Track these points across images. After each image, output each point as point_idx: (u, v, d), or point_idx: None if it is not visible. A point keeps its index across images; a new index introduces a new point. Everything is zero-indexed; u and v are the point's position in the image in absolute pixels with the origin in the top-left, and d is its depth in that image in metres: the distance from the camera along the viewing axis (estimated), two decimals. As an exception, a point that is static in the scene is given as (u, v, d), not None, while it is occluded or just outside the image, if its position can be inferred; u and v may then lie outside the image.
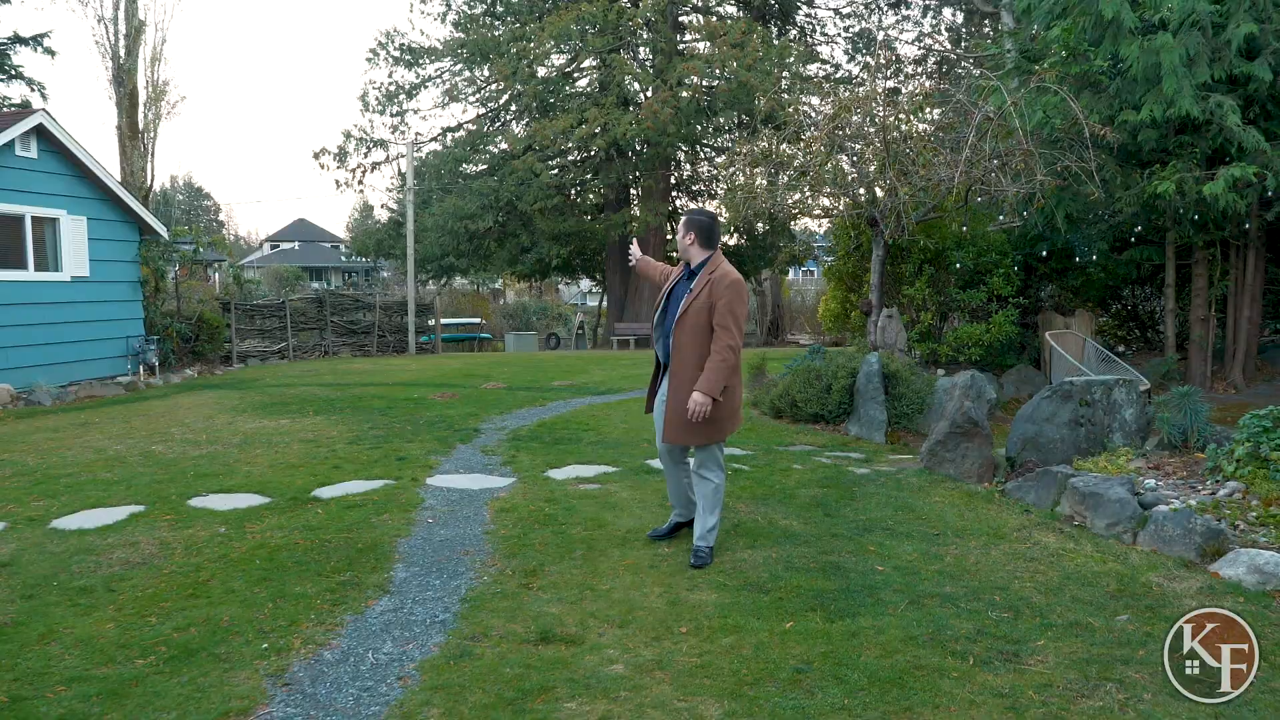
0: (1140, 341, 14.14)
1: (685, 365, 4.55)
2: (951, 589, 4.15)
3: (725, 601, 4.05)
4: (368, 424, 9.06)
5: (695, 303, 4.53)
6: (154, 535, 5.15)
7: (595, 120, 23.83)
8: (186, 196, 76.62)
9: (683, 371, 4.56)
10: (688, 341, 4.54)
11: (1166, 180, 9.20)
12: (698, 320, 4.52)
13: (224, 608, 4.01)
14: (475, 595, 4.16)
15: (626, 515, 5.44)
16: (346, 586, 4.27)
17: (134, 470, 6.94)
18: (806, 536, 4.98)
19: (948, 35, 27.95)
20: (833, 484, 6.22)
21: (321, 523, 5.34)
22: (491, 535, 5.10)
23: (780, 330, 34.72)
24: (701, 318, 4.52)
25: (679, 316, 4.57)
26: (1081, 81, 9.63)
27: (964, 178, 8.49)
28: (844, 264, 10.95)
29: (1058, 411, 6.14)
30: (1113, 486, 4.96)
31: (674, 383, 4.59)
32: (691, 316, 4.53)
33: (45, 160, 12.87)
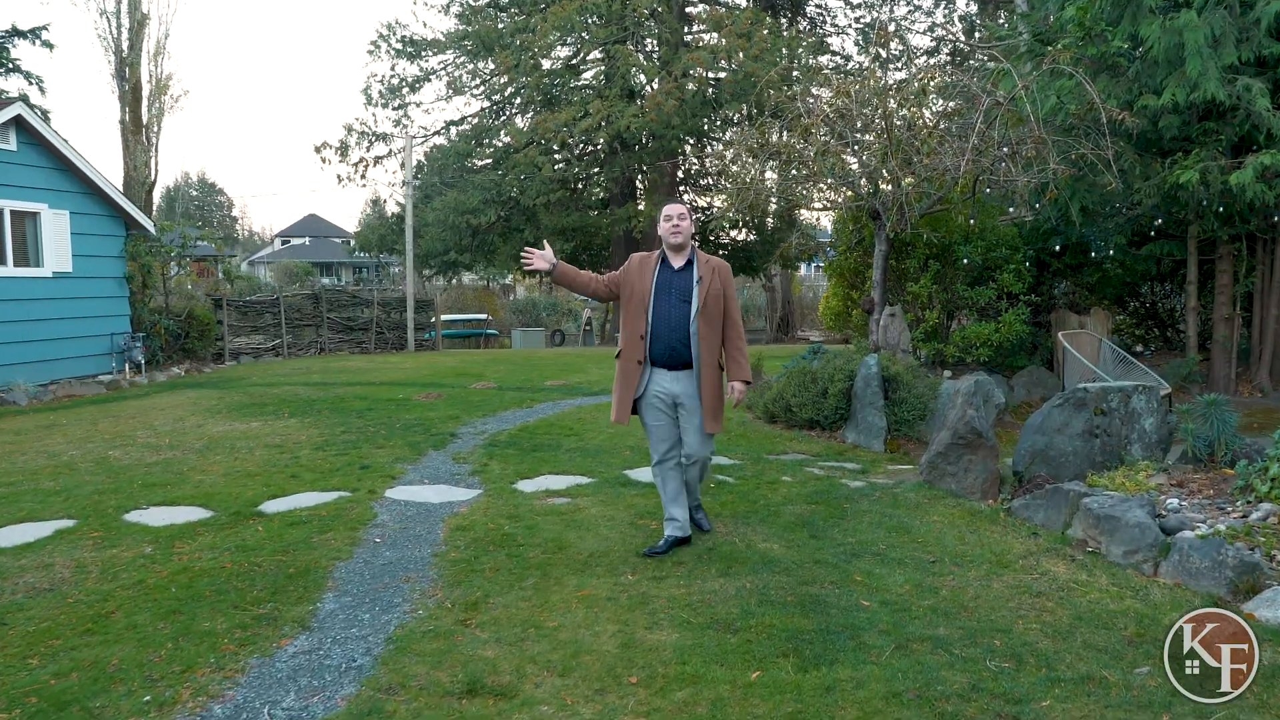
0: (1160, 341, 13.52)
1: (710, 355, 4.59)
2: (945, 630, 3.63)
3: (686, 643, 3.55)
4: (341, 427, 8.61)
5: (710, 292, 4.55)
6: (73, 556, 4.71)
7: (598, 113, 23.32)
8: (200, 192, 76.68)
9: (709, 362, 4.59)
10: (708, 333, 4.56)
11: (1189, 169, 8.60)
12: (715, 308, 4.56)
13: (118, 647, 3.55)
14: (404, 634, 3.67)
15: (591, 536, 4.95)
16: (262, 622, 3.80)
17: (80, 479, 6.52)
18: (787, 563, 4.47)
19: (961, 26, 27.27)
20: (823, 499, 5.70)
21: (258, 543, 4.88)
22: (440, 559, 4.62)
23: (790, 326, 34.14)
24: (717, 306, 4.57)
25: (702, 308, 4.53)
26: (1098, 64, 9.03)
27: (971, 167, 7.92)
28: (845, 259, 10.39)
29: (1070, 421, 5.59)
30: (1131, 509, 4.42)
31: (707, 375, 4.57)
32: (710, 305, 4.55)
33: (25, 153, 12.50)
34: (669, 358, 4.57)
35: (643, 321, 4.59)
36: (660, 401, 4.63)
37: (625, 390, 4.67)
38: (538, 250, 4.63)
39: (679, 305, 4.55)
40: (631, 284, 4.66)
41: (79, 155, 13.24)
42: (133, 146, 27.74)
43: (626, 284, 4.68)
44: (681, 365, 4.59)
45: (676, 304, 4.54)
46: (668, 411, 4.65)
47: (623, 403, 4.69)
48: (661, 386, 4.62)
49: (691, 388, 4.59)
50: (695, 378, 4.58)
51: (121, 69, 27.54)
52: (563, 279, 4.68)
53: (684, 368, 4.59)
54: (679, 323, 4.53)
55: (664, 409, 4.64)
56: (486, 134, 27.22)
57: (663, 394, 4.62)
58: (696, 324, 4.52)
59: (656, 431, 4.69)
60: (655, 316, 4.56)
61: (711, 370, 4.59)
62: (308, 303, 20.13)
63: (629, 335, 4.67)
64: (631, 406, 4.71)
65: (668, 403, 4.63)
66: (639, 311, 4.61)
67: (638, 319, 4.61)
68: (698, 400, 4.58)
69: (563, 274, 4.66)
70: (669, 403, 4.63)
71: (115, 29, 27.60)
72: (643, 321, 4.59)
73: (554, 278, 4.65)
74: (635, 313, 4.62)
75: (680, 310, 4.54)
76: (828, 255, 11.32)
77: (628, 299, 4.66)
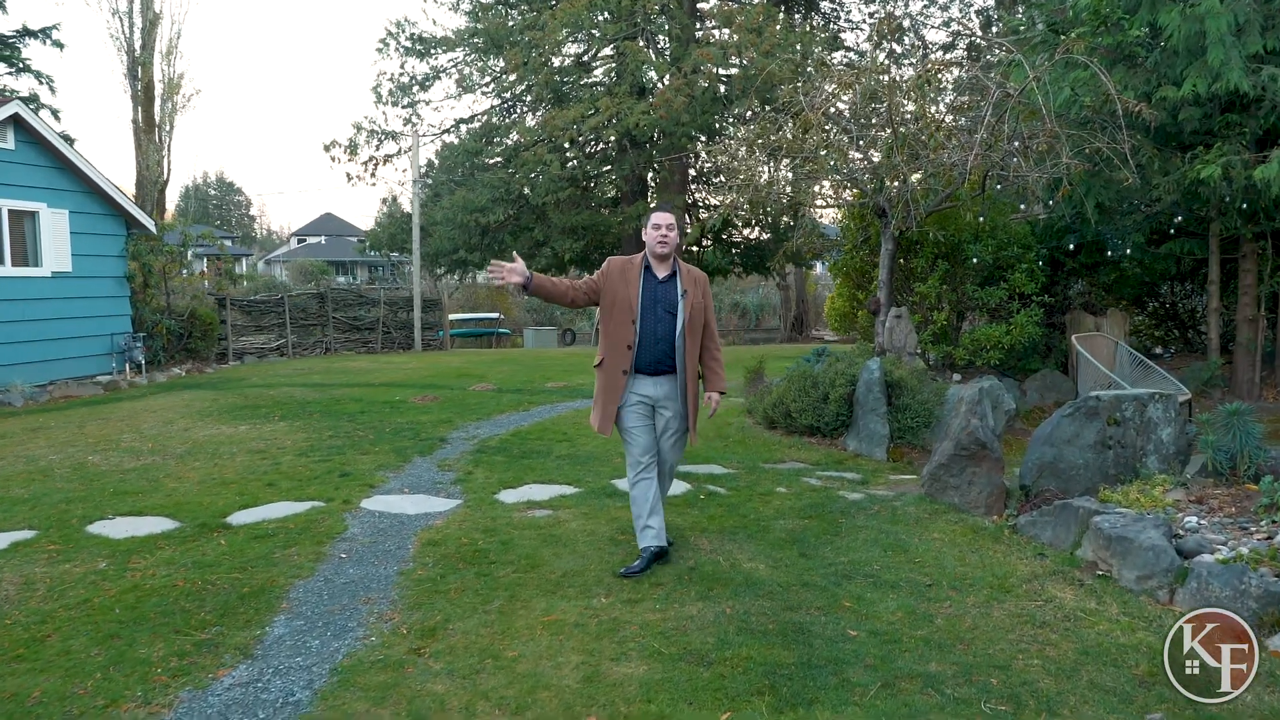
0: (1180, 343, 13.07)
1: (692, 365, 4.56)
2: (938, 666, 3.32)
3: (654, 678, 3.27)
4: (329, 432, 8.38)
5: (695, 304, 4.51)
6: (24, 571, 4.48)
7: (607, 110, 23.03)
8: (219, 191, 77.06)
9: (692, 373, 4.56)
10: (691, 346, 4.52)
11: (1211, 164, 8.20)
12: (697, 321, 4.53)
13: (44, 677, 3.30)
14: (351, 664, 3.41)
15: (568, 553, 4.67)
16: (203, 649, 3.54)
17: (52, 486, 6.31)
18: (772, 585, 4.17)
19: (978, 20, 26.78)
20: (817, 513, 5.39)
21: (217, 558, 4.64)
22: (405, 577, 4.35)
23: (804, 326, 33.76)
24: (699, 319, 4.55)
25: (688, 323, 4.47)
26: (1114, 54, 8.64)
27: (980, 162, 7.56)
28: (851, 259, 10.03)
29: (1081, 432, 5.25)
30: (1145, 530, 4.09)
31: (692, 387, 4.54)
32: (694, 319, 4.51)
33: (23, 151, 12.36)
34: (653, 366, 4.49)
35: (630, 332, 4.44)
36: (642, 406, 4.53)
37: (610, 400, 4.51)
38: (506, 263, 4.34)
39: (665, 319, 4.47)
40: (614, 291, 4.48)
41: (78, 154, 13.10)
42: (145, 146, 27.72)
43: (608, 290, 4.50)
44: (664, 371, 4.51)
45: (663, 317, 4.47)
46: (648, 416, 4.55)
47: (607, 413, 4.53)
48: (643, 392, 4.51)
49: (671, 391, 4.53)
50: (676, 383, 4.53)
51: (134, 68, 27.53)
52: (539, 291, 4.43)
53: (664, 373, 4.51)
54: (665, 336, 4.46)
55: (645, 413, 4.54)
56: (496, 132, 26.99)
57: (644, 398, 4.52)
58: (683, 339, 4.47)
59: (638, 435, 4.52)
60: (643, 329, 4.44)
61: (693, 381, 4.57)
62: (313, 302, 19.96)
63: (613, 344, 4.49)
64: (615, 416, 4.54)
65: (648, 407, 4.54)
66: (625, 321, 4.45)
67: (624, 329, 4.45)
68: (677, 404, 4.53)
69: (539, 286, 4.40)
70: (649, 407, 4.54)
71: (128, 29, 27.58)
72: (630, 332, 4.44)
73: (530, 291, 4.38)
74: (620, 322, 4.46)
75: (667, 324, 4.47)
76: (833, 255, 10.97)
77: (610, 306, 4.48)
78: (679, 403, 4.52)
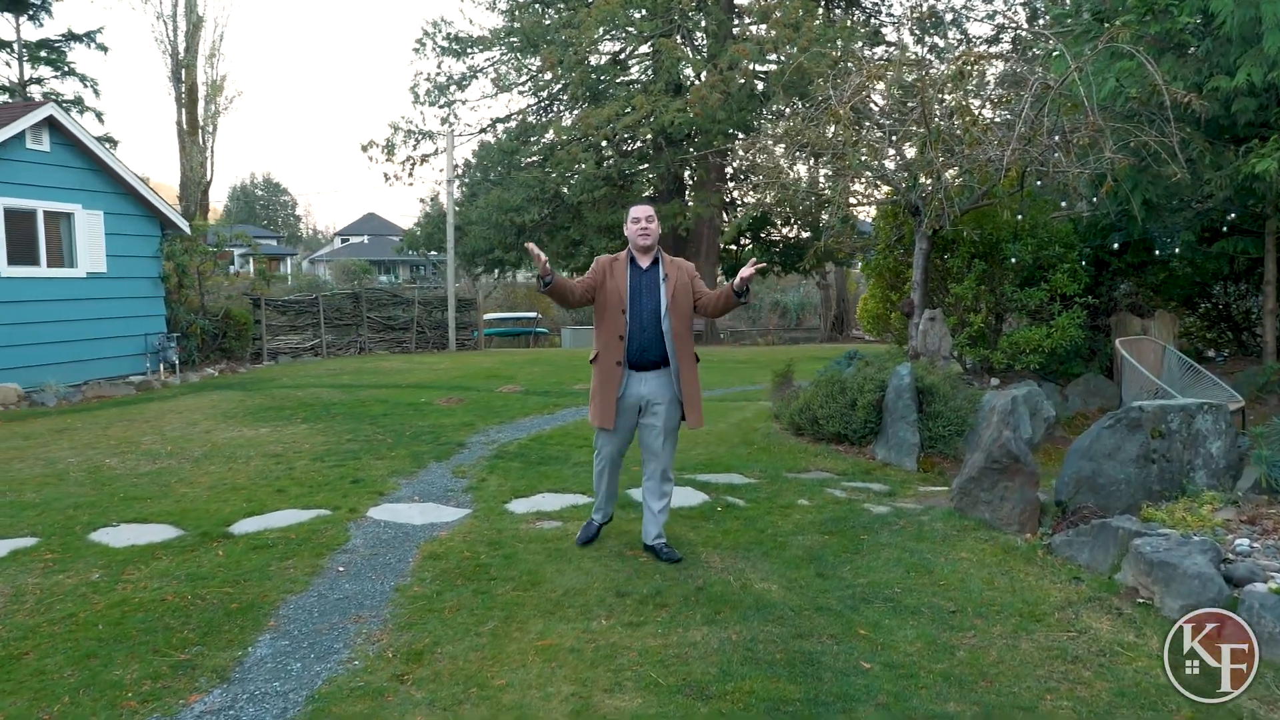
0: (1234, 345, 12.48)
1: (685, 349, 4.60)
2: (956, 706, 3.05)
3: (648, 713, 3.04)
4: (349, 435, 8.27)
5: (679, 286, 4.55)
6: (16, 582, 4.39)
7: (641, 108, 22.81)
8: (265, 192, 78.27)
9: (685, 356, 4.60)
10: (681, 329, 4.56)
11: (1268, 157, 7.72)
12: (685, 302, 4.55)
13: (12, 700, 3.17)
14: (330, 690, 3.23)
15: (572, 569, 4.46)
16: (180, 670, 3.39)
17: (65, 490, 6.27)
18: (784, 609, 3.92)
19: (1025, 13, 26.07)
20: (839, 529, 5.12)
21: (212, 569, 4.50)
22: (400, 594, 4.18)
23: (845, 326, 33.19)
24: (687, 300, 4.56)
25: (671, 304, 4.51)
26: (1162, 42, 8.20)
27: (1017, 157, 7.19)
28: (884, 259, 9.67)
29: (1123, 445, 4.91)
30: (1191, 554, 3.77)
31: (685, 370, 4.59)
32: (680, 300, 4.53)
33: (58, 153, 12.48)
34: (640, 358, 4.56)
35: (621, 322, 4.55)
36: (631, 404, 4.63)
37: (608, 393, 4.58)
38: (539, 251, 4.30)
39: (650, 304, 4.56)
40: (605, 285, 4.60)
41: (113, 155, 13.21)
42: (189, 148, 28.11)
43: (600, 286, 4.59)
44: (650, 366, 4.58)
45: (649, 304, 4.56)
46: (633, 415, 4.66)
47: (605, 406, 4.59)
48: (634, 390, 4.60)
49: (661, 386, 4.59)
50: (667, 375, 4.59)
51: (177, 71, 27.93)
52: (555, 288, 4.51)
53: (652, 368, 4.58)
54: (650, 321, 4.54)
55: (631, 412, 4.65)
56: (533, 131, 26.91)
57: (634, 396, 4.61)
58: (668, 320, 4.52)
59: (611, 438, 4.69)
60: (631, 316, 4.54)
61: (689, 364, 4.62)
62: (348, 302, 20.00)
63: (607, 337, 4.60)
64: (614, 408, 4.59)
65: (635, 406, 4.64)
66: (616, 312, 4.56)
67: (616, 320, 4.56)
68: (666, 400, 4.58)
69: (559, 284, 4.50)
70: (636, 406, 4.64)
71: (171, 32, 27.99)
72: (621, 322, 4.55)
73: (552, 286, 4.45)
74: (613, 314, 4.57)
75: (651, 308, 4.55)
76: (865, 255, 10.62)
77: (603, 302, 4.59)
78: (672, 390, 4.57)
